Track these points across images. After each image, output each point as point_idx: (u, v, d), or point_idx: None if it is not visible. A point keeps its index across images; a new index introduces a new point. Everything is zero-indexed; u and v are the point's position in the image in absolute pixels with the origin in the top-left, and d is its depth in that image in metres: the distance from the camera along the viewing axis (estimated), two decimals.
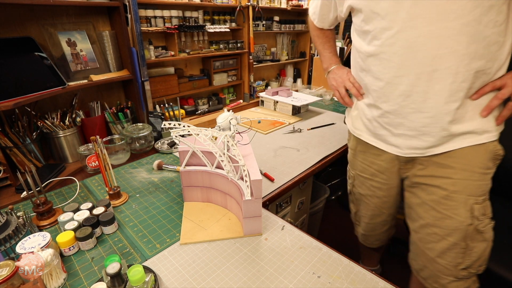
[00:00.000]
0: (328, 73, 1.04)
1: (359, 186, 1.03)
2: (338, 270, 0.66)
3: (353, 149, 1.01)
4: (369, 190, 1.00)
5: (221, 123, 0.81)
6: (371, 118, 0.86)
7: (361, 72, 0.85)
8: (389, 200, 0.98)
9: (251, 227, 0.75)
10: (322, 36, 1.05)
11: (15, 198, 0.92)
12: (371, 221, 1.06)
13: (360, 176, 1.01)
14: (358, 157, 0.99)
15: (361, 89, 0.88)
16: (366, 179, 0.99)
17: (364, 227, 1.11)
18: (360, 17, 0.78)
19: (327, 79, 1.05)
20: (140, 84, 1.29)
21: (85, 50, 1.16)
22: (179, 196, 0.93)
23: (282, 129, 1.48)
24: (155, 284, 0.60)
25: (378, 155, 0.91)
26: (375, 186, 0.97)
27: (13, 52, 0.97)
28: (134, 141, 1.21)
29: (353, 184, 1.05)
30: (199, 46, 1.59)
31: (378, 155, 0.91)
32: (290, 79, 2.26)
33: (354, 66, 0.90)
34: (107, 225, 0.76)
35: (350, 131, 1.01)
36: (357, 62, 0.86)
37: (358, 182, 1.03)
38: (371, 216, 1.05)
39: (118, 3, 1.12)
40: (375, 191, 0.98)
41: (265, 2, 1.85)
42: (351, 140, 1.02)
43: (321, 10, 0.97)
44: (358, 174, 1.01)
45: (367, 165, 0.96)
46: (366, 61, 0.80)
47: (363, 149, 0.96)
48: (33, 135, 1.05)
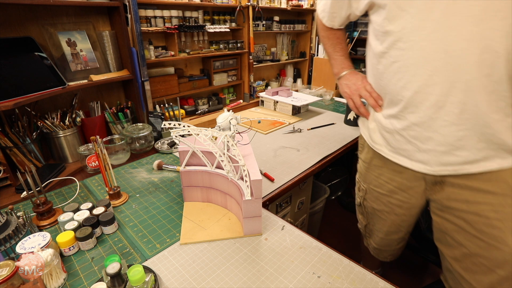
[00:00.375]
0: (340, 78, 0.92)
1: (373, 201, 0.93)
2: (338, 270, 0.66)
3: (367, 162, 0.90)
4: (386, 207, 0.90)
5: (221, 123, 0.81)
6: (392, 131, 0.76)
7: (381, 79, 0.75)
8: (409, 219, 0.89)
9: (251, 227, 0.75)
10: (332, 37, 0.93)
11: (15, 198, 0.92)
12: (387, 237, 0.97)
13: (374, 190, 0.91)
14: (373, 171, 0.89)
15: (379, 100, 0.78)
16: (382, 195, 0.89)
17: (378, 242, 1.02)
18: (381, 14, 0.67)
19: (339, 86, 0.94)
20: (140, 84, 1.29)
21: (85, 50, 1.16)
22: (179, 196, 0.93)
23: (282, 129, 1.48)
24: (155, 284, 0.60)
25: (399, 172, 0.81)
26: (394, 204, 0.87)
27: (13, 52, 0.97)
28: (134, 141, 1.21)
29: (365, 197, 0.96)
30: (199, 46, 1.59)
31: (399, 172, 0.80)
32: (290, 79, 2.26)
33: (371, 73, 0.80)
34: (107, 225, 0.76)
35: (363, 142, 0.91)
36: (375, 68, 0.76)
37: (371, 197, 0.93)
38: (386, 232, 0.96)
39: (118, 3, 1.12)
40: (394, 209, 0.88)
41: (265, 2, 1.85)
42: (364, 152, 0.92)
43: (332, 7, 0.85)
44: (372, 188, 0.91)
45: (384, 181, 0.86)
46: (388, 67, 0.70)
47: (380, 164, 0.85)
48: (33, 135, 1.05)
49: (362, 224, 1.05)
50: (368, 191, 0.93)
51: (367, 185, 0.93)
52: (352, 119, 1.51)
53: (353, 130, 1.47)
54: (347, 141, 1.33)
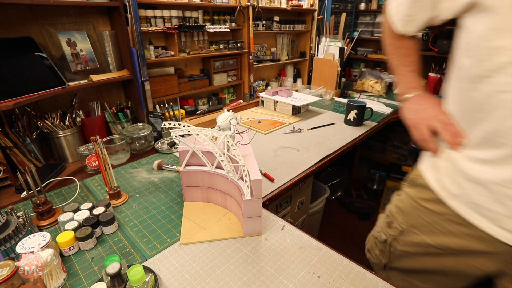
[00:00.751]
0: (405, 100, 0.73)
1: (409, 246, 0.73)
2: (338, 270, 0.66)
3: (417, 202, 0.70)
4: (434, 264, 0.70)
5: (221, 123, 0.81)
6: (479, 182, 0.56)
7: (475, 111, 0.55)
8: (454, 285, 0.70)
9: (251, 227, 0.75)
10: (402, 47, 0.73)
11: (15, 198, 0.92)
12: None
13: (416, 233, 0.70)
14: (426, 216, 0.68)
15: (459, 137, 0.60)
16: (432, 248, 0.68)
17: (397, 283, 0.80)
18: (486, 21, 0.49)
19: (402, 108, 0.74)
20: (140, 84, 1.29)
21: (85, 50, 1.16)
22: (179, 196, 0.93)
23: (282, 129, 1.48)
24: (155, 284, 0.60)
25: (469, 235, 0.61)
26: (449, 266, 0.67)
27: (13, 52, 0.97)
28: (134, 141, 1.21)
29: (397, 239, 0.75)
30: (199, 46, 1.59)
31: (470, 235, 0.61)
32: (290, 79, 2.26)
33: (457, 99, 0.61)
34: (107, 225, 0.76)
35: (419, 178, 0.71)
36: (466, 95, 0.57)
37: (408, 242, 0.73)
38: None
39: (118, 3, 1.12)
40: (445, 270, 0.69)
41: (265, 2, 1.85)
42: (417, 190, 0.71)
43: (410, 8, 0.65)
44: (415, 233, 0.71)
45: (440, 231, 0.66)
46: (490, 97, 0.51)
47: (439, 210, 0.65)
48: (33, 135, 1.05)
49: (379, 259, 0.83)
50: (407, 233, 0.73)
51: (406, 226, 0.73)
52: (352, 119, 1.51)
53: (353, 130, 1.47)
54: (347, 141, 1.33)
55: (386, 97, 2.09)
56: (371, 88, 2.19)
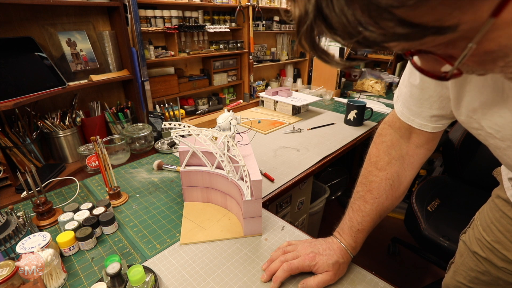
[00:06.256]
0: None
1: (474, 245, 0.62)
2: None
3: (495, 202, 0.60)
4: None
5: (221, 123, 0.81)
6: None
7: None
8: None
9: (251, 228, 0.75)
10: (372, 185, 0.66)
11: (15, 198, 0.92)
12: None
13: (480, 232, 0.60)
14: (495, 211, 0.59)
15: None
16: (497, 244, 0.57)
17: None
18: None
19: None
20: (140, 84, 1.29)
21: (85, 50, 1.16)
22: (179, 196, 0.93)
23: (282, 129, 1.48)
24: (155, 284, 0.60)
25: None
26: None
27: (13, 52, 0.97)
28: (134, 141, 1.21)
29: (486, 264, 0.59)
30: (199, 46, 1.59)
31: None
32: (290, 79, 2.26)
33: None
34: (107, 225, 0.76)
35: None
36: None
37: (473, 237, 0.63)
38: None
39: (118, 3, 1.12)
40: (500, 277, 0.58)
41: (265, 2, 1.85)
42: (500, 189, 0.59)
43: (411, 99, 0.53)
44: (480, 228, 0.61)
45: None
46: None
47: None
48: (33, 135, 1.05)
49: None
50: (496, 251, 0.58)
51: (498, 245, 0.58)
52: (352, 119, 1.51)
53: (353, 130, 1.47)
54: (347, 141, 1.33)
55: (386, 97, 2.09)
56: (371, 88, 2.19)
